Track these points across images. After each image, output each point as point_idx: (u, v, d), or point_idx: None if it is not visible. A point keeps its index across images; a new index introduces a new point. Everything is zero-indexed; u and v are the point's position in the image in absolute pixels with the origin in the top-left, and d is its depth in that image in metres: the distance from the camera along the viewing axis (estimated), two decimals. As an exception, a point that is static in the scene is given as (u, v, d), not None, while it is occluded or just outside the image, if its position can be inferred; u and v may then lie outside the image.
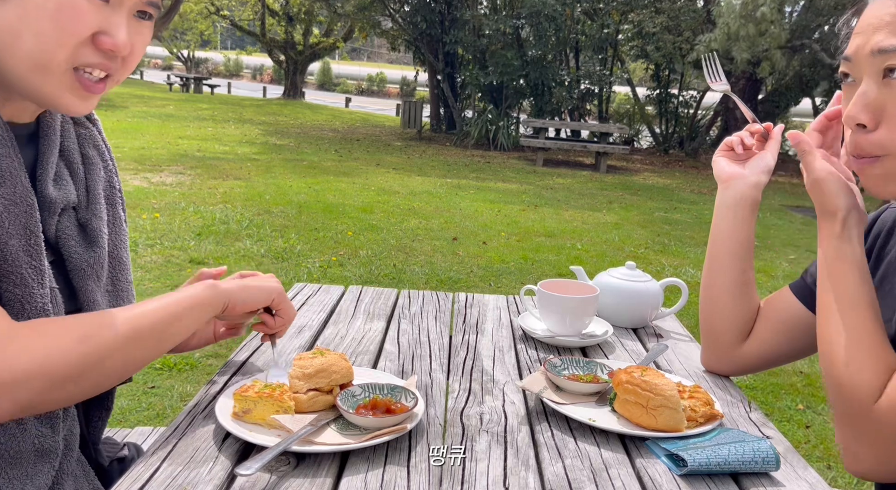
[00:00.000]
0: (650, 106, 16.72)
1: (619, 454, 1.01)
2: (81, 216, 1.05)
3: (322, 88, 32.27)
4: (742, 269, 1.27)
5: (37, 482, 0.94)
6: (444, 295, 1.73)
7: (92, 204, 1.06)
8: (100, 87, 0.94)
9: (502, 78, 14.22)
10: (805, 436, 3.13)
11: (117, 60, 0.93)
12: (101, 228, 1.06)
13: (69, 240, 1.02)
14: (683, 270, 5.82)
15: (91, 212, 1.06)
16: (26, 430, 0.93)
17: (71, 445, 1.01)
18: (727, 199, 1.29)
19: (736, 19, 11.22)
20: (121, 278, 1.11)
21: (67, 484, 1.00)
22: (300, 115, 18.46)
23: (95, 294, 1.04)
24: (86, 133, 1.10)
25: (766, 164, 1.28)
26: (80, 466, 1.05)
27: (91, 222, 1.05)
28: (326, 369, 1.05)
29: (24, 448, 0.93)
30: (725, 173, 1.29)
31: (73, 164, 1.05)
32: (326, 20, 23.50)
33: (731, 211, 1.28)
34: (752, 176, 1.27)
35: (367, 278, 5.01)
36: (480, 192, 9.07)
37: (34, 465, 0.94)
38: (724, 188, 1.29)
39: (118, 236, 1.12)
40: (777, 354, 1.28)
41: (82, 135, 1.09)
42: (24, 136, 0.99)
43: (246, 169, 9.26)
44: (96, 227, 1.06)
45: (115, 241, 1.11)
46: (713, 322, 1.30)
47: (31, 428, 0.94)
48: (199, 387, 2.28)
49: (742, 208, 1.27)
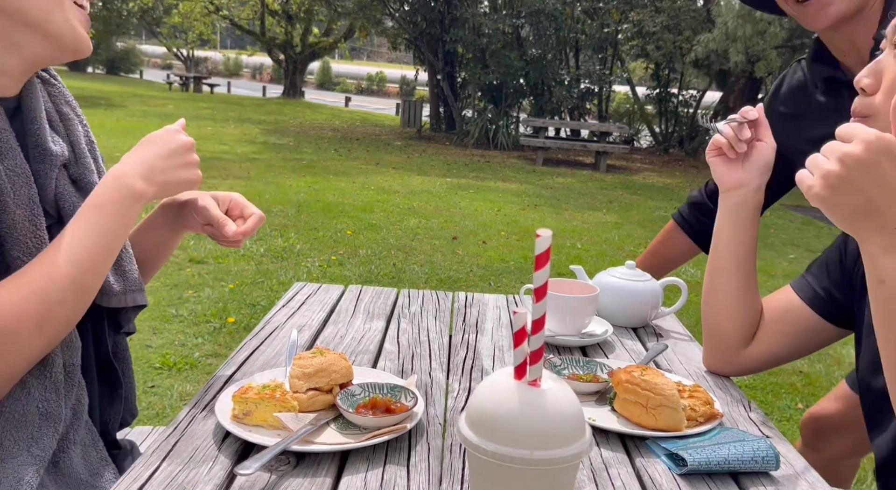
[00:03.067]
0: (650, 105, 16.71)
1: (618, 453, 1.01)
2: (73, 172, 1.08)
3: (322, 88, 32.26)
4: (746, 273, 1.26)
5: (41, 445, 0.96)
6: (443, 294, 1.73)
7: (80, 158, 1.09)
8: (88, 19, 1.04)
9: (502, 77, 14.21)
10: (805, 435, 3.13)
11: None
12: (93, 181, 1.09)
13: (69, 197, 1.05)
14: (683, 270, 5.81)
15: (81, 166, 1.09)
16: (30, 394, 0.96)
17: (79, 414, 1.03)
18: (729, 206, 1.25)
19: (734, 19, 11.21)
20: None
21: (75, 451, 1.02)
22: (300, 115, 18.46)
23: None
24: (55, 91, 1.11)
25: (766, 160, 1.23)
26: (89, 435, 1.07)
27: (84, 176, 1.08)
28: (326, 369, 1.05)
29: (29, 411, 0.96)
30: (727, 181, 1.24)
31: (54, 122, 1.08)
32: (326, 19, 23.49)
33: (734, 217, 1.25)
34: (754, 180, 1.23)
35: (367, 278, 5.01)
36: (480, 191, 9.07)
37: (39, 429, 0.96)
38: (727, 195, 1.26)
39: None
40: (781, 356, 1.28)
41: (53, 93, 1.10)
42: (10, 109, 1.01)
43: (245, 168, 9.26)
44: (89, 179, 1.09)
45: None
46: (717, 326, 1.29)
47: (36, 392, 0.96)
48: (199, 386, 2.28)
49: (745, 214, 1.24)
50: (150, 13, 27.00)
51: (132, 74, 31.72)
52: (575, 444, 0.68)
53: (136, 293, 1.12)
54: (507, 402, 0.68)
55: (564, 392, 0.70)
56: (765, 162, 1.23)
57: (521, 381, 0.69)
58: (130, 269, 1.13)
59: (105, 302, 1.07)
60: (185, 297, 4.34)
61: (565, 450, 0.66)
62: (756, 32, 11.10)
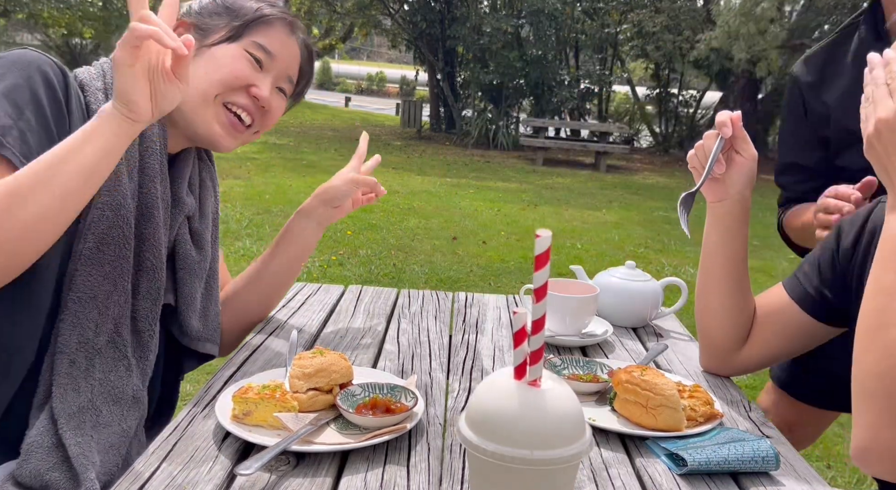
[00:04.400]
0: (650, 105, 16.71)
1: (618, 454, 1.01)
2: (194, 226, 1.28)
3: (321, 88, 32.23)
4: (736, 280, 1.26)
5: (124, 425, 1.12)
6: (443, 294, 1.73)
7: (203, 218, 1.30)
8: (242, 129, 1.22)
9: (502, 77, 14.21)
10: (805, 435, 3.13)
11: (259, 112, 1.22)
12: (207, 238, 1.31)
13: (184, 243, 1.25)
14: (683, 270, 5.82)
15: (202, 224, 1.29)
16: (131, 379, 1.14)
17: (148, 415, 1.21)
18: (716, 216, 1.25)
19: (736, 17, 11.21)
20: (213, 286, 1.33)
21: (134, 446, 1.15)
22: (300, 115, 18.45)
23: (196, 291, 1.27)
24: (205, 166, 1.33)
25: (748, 172, 1.21)
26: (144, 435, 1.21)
27: (201, 232, 1.29)
28: (326, 369, 1.05)
29: (126, 393, 1.13)
30: (709, 196, 1.25)
31: (193, 185, 1.28)
32: (326, 20, 23.49)
33: (722, 226, 1.25)
34: (737, 192, 1.22)
35: (367, 278, 5.01)
36: (480, 191, 9.07)
37: (129, 409, 1.13)
38: (713, 208, 1.26)
39: (216, 252, 1.35)
40: (775, 356, 1.28)
41: (203, 167, 1.32)
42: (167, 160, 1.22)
43: (245, 168, 9.26)
44: (204, 236, 1.30)
45: (213, 254, 1.33)
46: (710, 329, 1.29)
47: (135, 379, 1.15)
48: (199, 387, 2.28)
49: (732, 222, 1.24)
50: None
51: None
52: (575, 444, 0.68)
53: (207, 343, 1.31)
54: (507, 403, 0.68)
55: (564, 392, 0.70)
56: (745, 175, 1.22)
57: (521, 382, 0.69)
58: (213, 319, 1.32)
59: (182, 338, 1.28)
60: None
61: (565, 450, 0.66)
62: (758, 31, 11.10)
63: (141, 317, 1.17)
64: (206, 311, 1.31)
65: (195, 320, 1.28)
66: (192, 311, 1.27)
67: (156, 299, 1.18)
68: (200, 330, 1.29)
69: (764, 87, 15.25)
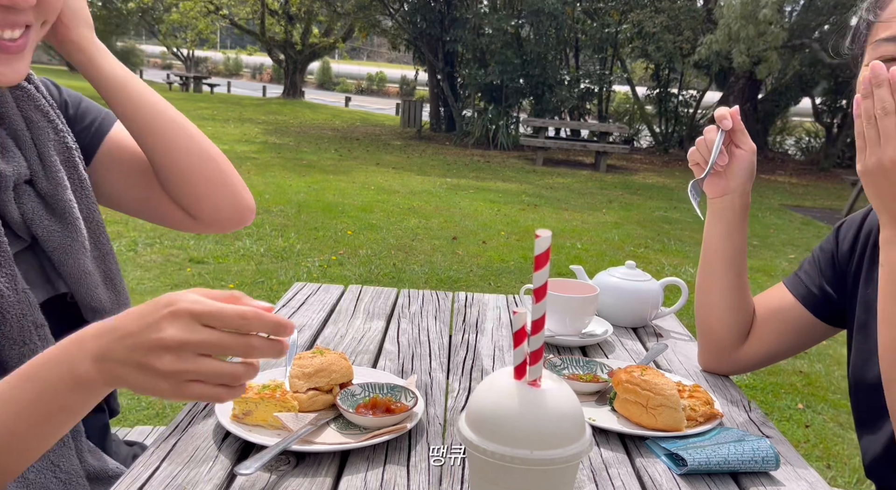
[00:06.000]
0: (650, 105, 16.71)
1: (618, 453, 1.01)
2: (42, 188, 0.97)
3: (322, 87, 32.25)
4: (736, 274, 1.26)
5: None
6: (443, 294, 1.73)
7: (49, 172, 0.98)
8: (20, 44, 0.84)
9: (502, 77, 14.21)
10: (804, 435, 3.13)
11: (26, 12, 0.83)
12: (67, 198, 0.99)
13: (40, 219, 0.95)
14: (683, 270, 5.82)
15: (52, 182, 0.98)
16: None
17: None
18: (717, 211, 1.26)
19: (737, 20, 11.21)
20: (101, 240, 1.05)
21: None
22: (300, 115, 18.45)
23: (86, 265, 0.99)
24: (23, 94, 0.99)
25: (748, 166, 1.22)
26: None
27: (56, 193, 0.97)
28: (326, 369, 1.05)
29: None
30: (712, 191, 1.25)
31: (18, 131, 0.97)
32: (326, 19, 23.48)
33: (722, 221, 1.26)
34: (738, 186, 1.23)
35: (367, 277, 5.01)
36: (480, 191, 9.07)
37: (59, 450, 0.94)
38: (714, 203, 1.26)
39: (86, 199, 1.03)
40: (775, 354, 1.29)
41: (20, 97, 0.99)
42: None
43: (245, 168, 9.26)
44: (62, 197, 0.98)
45: (86, 205, 1.03)
46: (710, 326, 1.30)
47: None
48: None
49: (732, 217, 1.25)
50: (149, 13, 27.00)
51: (132, 74, 31.65)
52: (575, 443, 0.68)
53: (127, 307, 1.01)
54: (507, 402, 0.68)
55: (564, 392, 0.70)
56: (746, 168, 1.22)
57: (521, 381, 0.69)
58: (120, 282, 1.06)
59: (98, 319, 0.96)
60: (185, 296, 4.33)
61: (565, 450, 0.66)
62: (758, 33, 11.11)
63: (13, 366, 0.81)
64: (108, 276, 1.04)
65: (101, 291, 1.01)
66: (93, 285, 1.01)
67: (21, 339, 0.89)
68: (114, 298, 1.03)
69: (764, 87, 15.26)
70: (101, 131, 1.12)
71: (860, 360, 1.12)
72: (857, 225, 1.19)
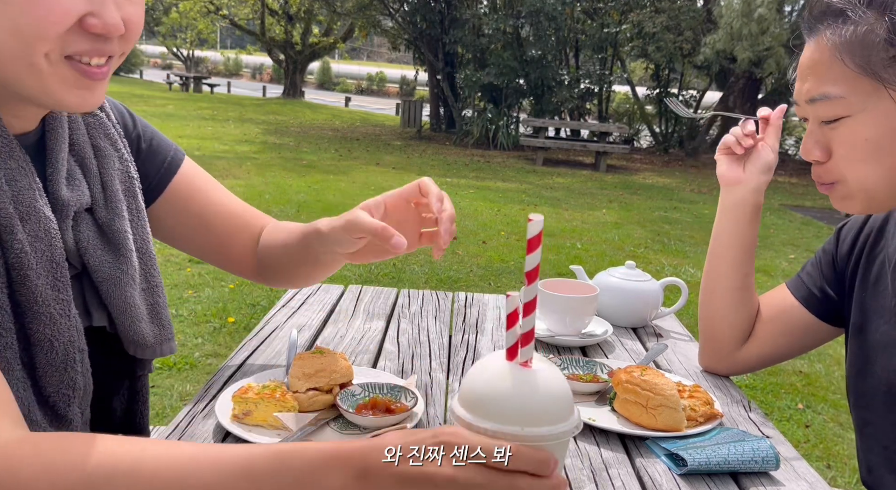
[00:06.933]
0: (650, 105, 16.71)
1: (618, 454, 1.01)
2: (101, 217, 0.97)
3: (322, 88, 32.25)
4: (744, 274, 1.26)
5: None
6: (443, 294, 1.73)
7: (110, 201, 0.98)
8: (104, 72, 0.84)
9: (502, 77, 14.21)
10: (805, 435, 3.13)
11: (113, 41, 0.82)
12: (124, 229, 0.99)
13: (94, 249, 0.94)
14: (683, 270, 5.82)
15: (111, 211, 0.98)
16: None
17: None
18: (728, 204, 1.27)
19: (738, 18, 11.22)
20: (152, 272, 1.04)
21: None
22: (300, 115, 18.46)
23: (133, 298, 0.99)
24: (95, 122, 0.99)
25: (766, 162, 1.24)
26: None
27: (113, 223, 0.97)
28: (326, 369, 1.05)
29: None
30: (725, 177, 1.27)
31: (86, 159, 0.97)
32: (326, 19, 23.48)
33: (732, 216, 1.26)
34: (752, 180, 1.24)
35: (367, 277, 5.01)
36: (480, 191, 9.07)
37: None
38: (726, 192, 1.28)
39: (142, 230, 1.03)
40: (776, 355, 1.29)
41: (91, 124, 0.99)
42: (32, 144, 0.91)
43: (245, 168, 9.26)
44: (119, 227, 0.98)
45: (140, 236, 1.03)
46: (713, 325, 1.30)
47: None
48: (199, 386, 2.28)
49: (743, 213, 1.25)
50: (149, 13, 27.02)
51: (132, 74, 31.68)
52: (564, 422, 0.69)
53: (170, 342, 1.05)
54: (500, 382, 0.69)
55: (554, 373, 0.71)
56: (765, 163, 1.24)
57: (512, 363, 0.71)
58: (166, 317, 1.06)
59: (140, 353, 1.00)
60: (185, 297, 4.34)
61: (554, 428, 0.68)
62: (760, 31, 11.11)
63: (51, 392, 0.88)
64: (155, 310, 1.04)
65: (145, 325, 1.01)
66: (138, 319, 1.00)
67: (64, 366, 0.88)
68: (158, 332, 1.03)
69: (764, 87, 15.26)
70: (171, 169, 1.13)
71: (857, 361, 1.12)
72: (858, 227, 1.20)
